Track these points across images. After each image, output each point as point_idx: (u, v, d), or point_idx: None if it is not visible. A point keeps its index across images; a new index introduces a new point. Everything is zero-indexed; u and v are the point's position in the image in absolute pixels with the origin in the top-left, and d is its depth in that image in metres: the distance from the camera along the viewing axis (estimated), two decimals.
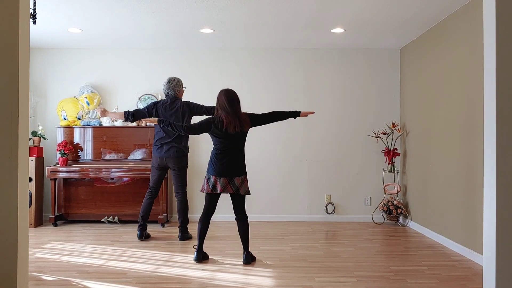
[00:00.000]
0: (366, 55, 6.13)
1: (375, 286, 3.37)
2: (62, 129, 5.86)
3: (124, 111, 4.91)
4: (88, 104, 5.89)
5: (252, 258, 4.02)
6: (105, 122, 5.86)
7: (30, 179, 5.54)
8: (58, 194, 5.75)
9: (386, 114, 6.10)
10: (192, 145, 5.84)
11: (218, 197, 4.02)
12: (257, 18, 4.75)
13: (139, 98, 6.02)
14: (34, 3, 3.29)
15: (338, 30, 5.21)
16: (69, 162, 5.77)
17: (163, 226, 5.58)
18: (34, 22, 3.27)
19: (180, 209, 4.85)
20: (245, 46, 6.05)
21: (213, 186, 3.89)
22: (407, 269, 3.83)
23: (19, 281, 2.29)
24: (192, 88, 5.84)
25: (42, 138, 5.84)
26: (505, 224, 2.45)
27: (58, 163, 5.72)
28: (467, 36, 4.25)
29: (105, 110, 5.00)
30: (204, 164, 5.49)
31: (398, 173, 5.99)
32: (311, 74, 6.13)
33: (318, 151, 6.10)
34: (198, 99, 5.31)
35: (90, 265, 3.91)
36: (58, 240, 4.87)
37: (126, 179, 5.80)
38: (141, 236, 4.82)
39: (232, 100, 3.84)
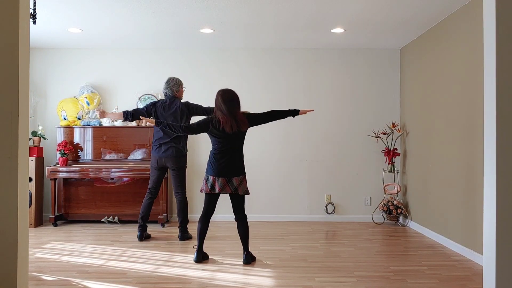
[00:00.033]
0: (366, 55, 6.13)
1: (375, 286, 3.37)
2: (62, 129, 5.86)
3: (123, 111, 4.92)
4: (88, 104, 5.89)
5: (252, 258, 4.02)
6: (105, 122, 5.86)
7: (30, 179, 5.54)
8: (58, 194, 5.75)
9: (386, 114, 6.10)
10: (191, 145, 5.84)
11: (217, 197, 4.02)
12: (257, 18, 4.75)
13: (139, 98, 6.02)
14: (34, 3, 3.29)
15: (338, 30, 5.20)
16: (69, 162, 5.77)
17: (163, 226, 5.58)
18: (34, 22, 3.28)
19: (179, 209, 4.85)
20: (245, 46, 6.05)
21: (211, 186, 3.89)
22: (407, 269, 3.83)
23: (19, 281, 2.29)
24: (192, 88, 5.84)
25: (42, 138, 5.84)
26: (505, 224, 2.45)
27: (58, 163, 5.72)
28: (467, 36, 4.25)
29: (103, 111, 5.01)
30: (203, 164, 5.49)
31: (398, 173, 5.99)
32: (311, 74, 6.13)
33: (318, 151, 6.10)
34: (198, 99, 5.31)
35: (90, 265, 3.91)
36: (58, 240, 4.87)
37: (126, 179, 5.80)
38: (141, 237, 4.82)
39: (228, 100, 3.82)
